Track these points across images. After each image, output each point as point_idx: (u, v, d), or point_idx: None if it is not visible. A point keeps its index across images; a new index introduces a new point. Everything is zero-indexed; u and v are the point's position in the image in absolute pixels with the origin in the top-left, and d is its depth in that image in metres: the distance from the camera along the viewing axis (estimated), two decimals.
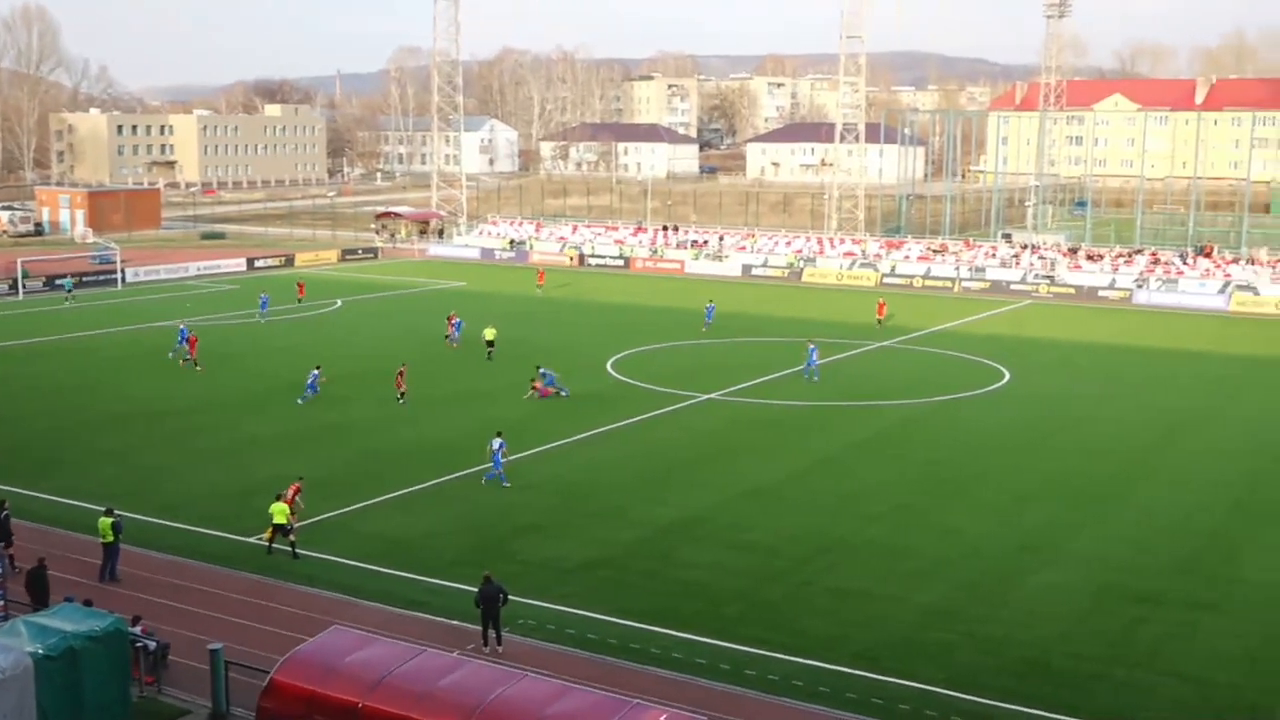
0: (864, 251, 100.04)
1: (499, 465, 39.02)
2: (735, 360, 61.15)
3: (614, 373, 57.04)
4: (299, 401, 50.05)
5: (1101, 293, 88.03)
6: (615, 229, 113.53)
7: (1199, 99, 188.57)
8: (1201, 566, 32.58)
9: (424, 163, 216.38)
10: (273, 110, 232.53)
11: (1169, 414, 50.77)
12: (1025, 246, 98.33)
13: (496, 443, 39.38)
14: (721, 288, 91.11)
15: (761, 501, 37.76)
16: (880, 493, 38.81)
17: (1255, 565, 32.68)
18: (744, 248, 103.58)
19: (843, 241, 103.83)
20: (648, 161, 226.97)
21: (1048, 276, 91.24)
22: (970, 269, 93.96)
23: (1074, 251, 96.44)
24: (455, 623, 27.93)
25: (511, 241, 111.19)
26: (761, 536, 34.35)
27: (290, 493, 33.40)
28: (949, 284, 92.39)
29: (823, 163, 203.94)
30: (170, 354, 58.99)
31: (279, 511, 32.06)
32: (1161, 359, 64.23)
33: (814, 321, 73.78)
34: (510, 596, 27.18)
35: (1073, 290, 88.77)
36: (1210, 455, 44.18)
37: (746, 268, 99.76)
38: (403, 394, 50.48)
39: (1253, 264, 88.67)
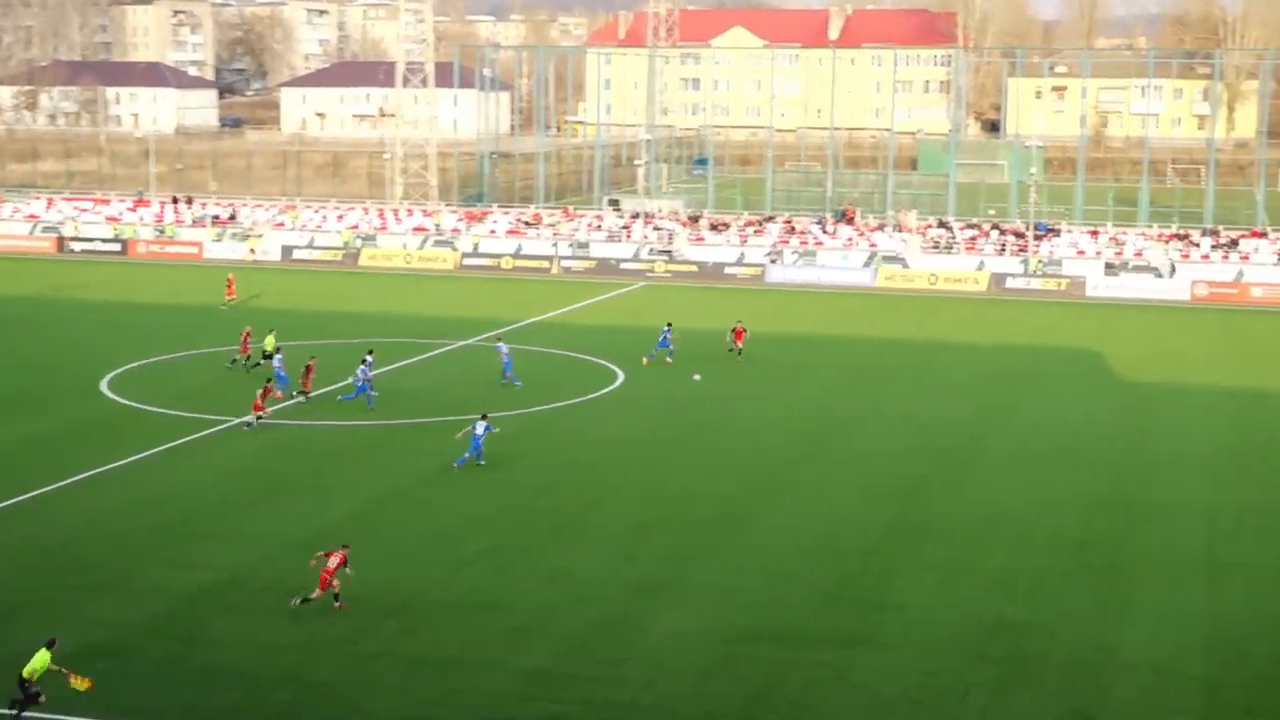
0: (438, 226, 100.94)
1: (477, 447, 44.62)
2: (271, 373, 60.17)
3: (112, 394, 55.07)
4: (371, 406, 52.62)
5: (729, 269, 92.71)
6: (107, 202, 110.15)
7: (834, 34, 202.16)
8: (852, 594, 34.94)
9: None
10: None
11: (812, 413, 54.10)
12: (637, 215, 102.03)
13: (481, 426, 44.83)
14: (255, 275, 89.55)
15: (314, 553, 37.36)
16: (468, 531, 39.35)
17: (913, 588, 35.34)
18: (282, 224, 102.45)
19: (411, 214, 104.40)
20: (149, 112, 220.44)
21: (665, 252, 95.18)
22: (571, 245, 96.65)
23: (695, 220, 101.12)
24: None
25: None
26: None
27: (334, 563, 32.92)
28: (545, 264, 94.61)
29: (381, 113, 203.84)
30: None
31: (41, 663, 27.78)
32: (802, 347, 68.30)
33: (376, 316, 73.90)
34: None
35: (695, 268, 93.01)
36: (861, 461, 47.43)
37: (287, 249, 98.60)
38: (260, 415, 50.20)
39: (900, 230, 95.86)
